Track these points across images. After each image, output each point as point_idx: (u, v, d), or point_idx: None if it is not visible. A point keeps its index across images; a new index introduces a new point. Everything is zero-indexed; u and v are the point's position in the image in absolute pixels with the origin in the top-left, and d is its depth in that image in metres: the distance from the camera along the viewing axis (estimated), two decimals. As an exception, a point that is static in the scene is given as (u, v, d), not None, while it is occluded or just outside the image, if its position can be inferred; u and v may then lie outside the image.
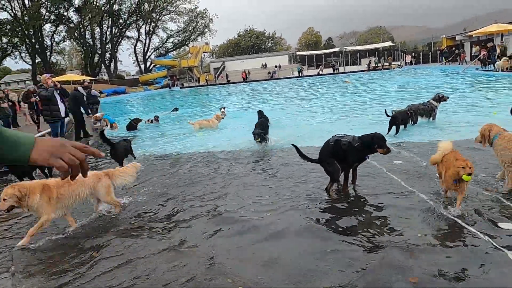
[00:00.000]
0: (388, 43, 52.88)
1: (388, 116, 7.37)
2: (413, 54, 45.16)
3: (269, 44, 78.90)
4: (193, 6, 60.98)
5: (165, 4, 58.97)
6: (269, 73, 48.23)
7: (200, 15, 62.50)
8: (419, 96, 13.58)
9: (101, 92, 30.34)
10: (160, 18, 60.64)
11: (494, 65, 21.23)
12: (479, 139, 4.06)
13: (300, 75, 44.27)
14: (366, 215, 3.56)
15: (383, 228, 3.26)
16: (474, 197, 3.70)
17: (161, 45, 64.10)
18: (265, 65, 52.89)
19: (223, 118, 10.52)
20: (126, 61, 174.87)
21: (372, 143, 4.04)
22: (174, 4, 59.50)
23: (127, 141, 6.75)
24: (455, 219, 3.27)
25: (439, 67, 31.10)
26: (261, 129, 7.23)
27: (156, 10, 58.78)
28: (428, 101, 8.13)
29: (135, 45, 61.32)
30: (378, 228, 3.25)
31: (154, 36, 62.40)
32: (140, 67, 62.87)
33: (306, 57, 52.62)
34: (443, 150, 3.69)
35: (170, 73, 50.85)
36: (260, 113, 9.29)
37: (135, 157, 6.86)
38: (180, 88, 44.46)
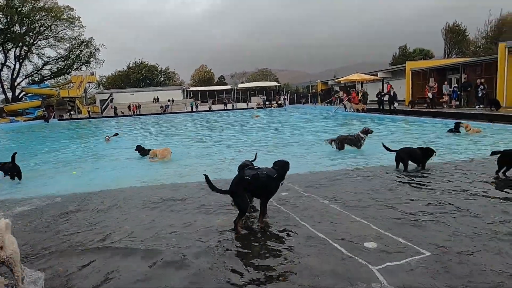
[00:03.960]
0: (276, 83, 58.10)
1: None
2: (295, 94, 50.87)
3: (162, 78, 77.65)
4: (77, 34, 56.39)
5: (41, 28, 53.06)
6: (161, 107, 47.24)
7: (84, 43, 58.08)
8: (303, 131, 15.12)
9: None
10: (35, 42, 54.08)
11: (345, 106, 26.99)
12: None
13: (194, 109, 44.77)
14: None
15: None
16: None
17: (35, 72, 56.71)
18: (158, 99, 51.64)
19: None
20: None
21: (286, 170, 4.39)
22: (53, 30, 54.07)
23: None
24: (334, 244, 3.62)
25: (316, 107, 35.65)
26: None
27: (30, 34, 52.31)
28: (357, 133, 9.05)
29: (1, 70, 52.83)
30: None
31: (26, 62, 55.04)
32: (6, 95, 53.94)
33: (199, 92, 53.59)
34: None
35: (46, 103, 45.05)
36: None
37: None
38: (58, 120, 40.33)
